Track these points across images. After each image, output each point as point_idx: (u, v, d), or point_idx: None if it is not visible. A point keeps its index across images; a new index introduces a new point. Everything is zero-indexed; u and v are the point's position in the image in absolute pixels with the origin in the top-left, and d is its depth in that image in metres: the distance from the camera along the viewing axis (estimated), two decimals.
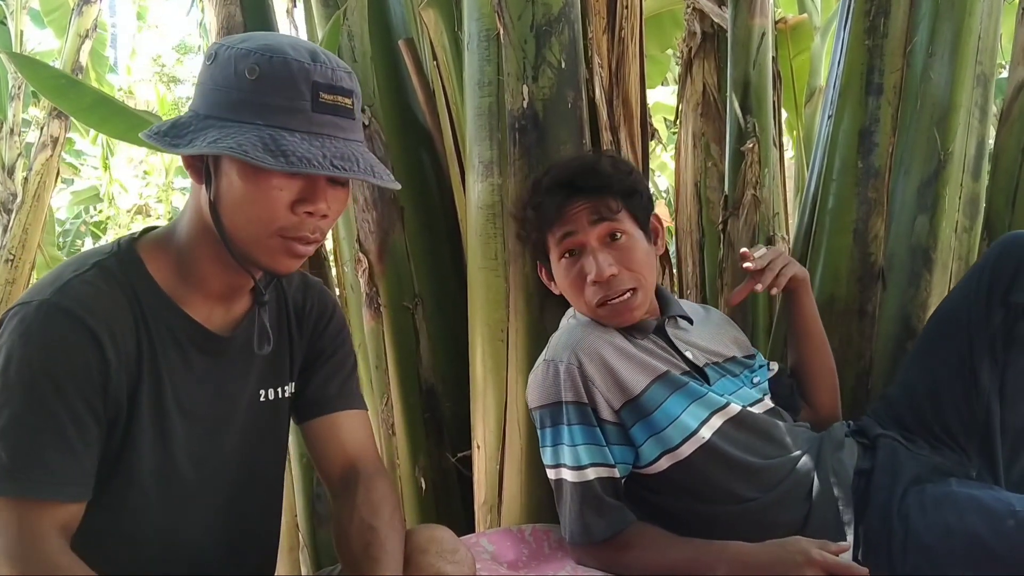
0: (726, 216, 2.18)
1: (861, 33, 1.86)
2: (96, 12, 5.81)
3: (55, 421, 1.01)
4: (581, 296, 1.48)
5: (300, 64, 1.03)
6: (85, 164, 11.65)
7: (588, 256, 1.46)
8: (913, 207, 1.80)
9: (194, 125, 1.04)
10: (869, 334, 1.80)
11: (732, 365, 1.58)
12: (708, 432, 1.42)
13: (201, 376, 1.14)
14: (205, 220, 1.09)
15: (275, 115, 1.01)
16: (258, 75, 1.02)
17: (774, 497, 1.43)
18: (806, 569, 1.26)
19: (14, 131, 6.09)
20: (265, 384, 1.21)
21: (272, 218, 1.05)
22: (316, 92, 1.03)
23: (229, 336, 1.16)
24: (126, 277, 1.09)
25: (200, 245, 1.11)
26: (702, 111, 2.54)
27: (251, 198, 1.04)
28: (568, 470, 1.42)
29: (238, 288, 1.16)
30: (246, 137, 0.99)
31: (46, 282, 1.06)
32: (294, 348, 1.25)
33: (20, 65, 3.31)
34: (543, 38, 1.66)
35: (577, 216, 1.47)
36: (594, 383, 1.42)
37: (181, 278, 1.12)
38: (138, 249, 1.12)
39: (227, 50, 1.05)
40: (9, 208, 5.87)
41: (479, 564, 1.38)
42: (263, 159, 0.98)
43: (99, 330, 1.04)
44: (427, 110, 2.11)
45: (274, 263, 1.08)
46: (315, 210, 1.06)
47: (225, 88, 1.03)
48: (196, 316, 1.13)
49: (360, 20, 2.12)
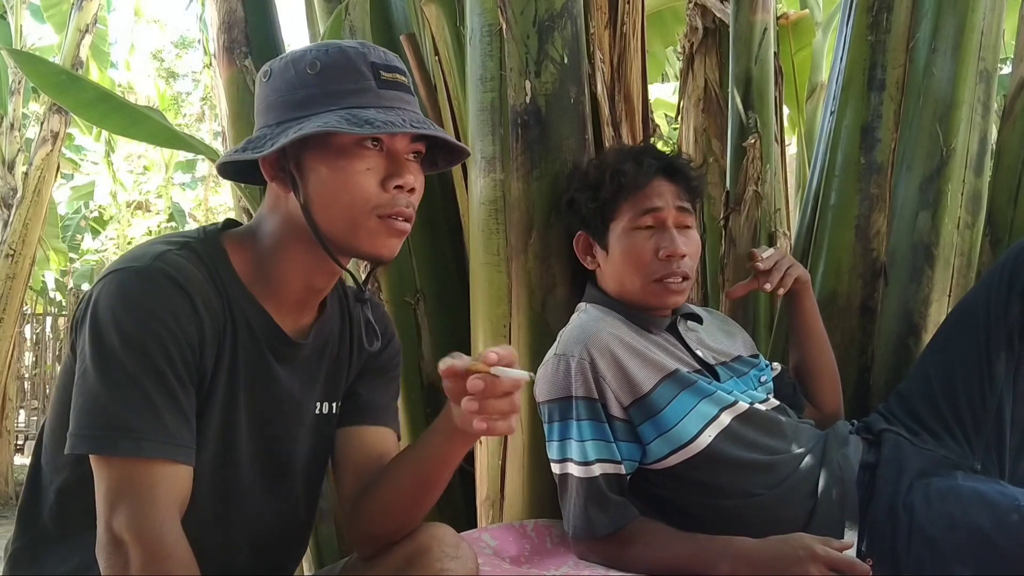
0: (728, 212, 2.18)
1: (864, 29, 1.86)
2: (96, 7, 5.80)
3: (167, 384, 1.00)
4: (641, 269, 1.49)
5: (355, 49, 1.08)
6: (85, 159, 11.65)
7: (667, 232, 1.50)
8: (915, 203, 1.80)
9: (269, 134, 1.07)
10: (871, 330, 1.80)
11: (740, 364, 1.58)
12: (717, 429, 1.42)
13: (272, 378, 1.13)
14: (292, 225, 1.10)
15: (346, 98, 1.06)
16: (320, 68, 1.07)
17: (780, 493, 1.43)
18: (809, 565, 1.26)
19: (14, 126, 6.09)
20: (323, 397, 1.21)
21: (366, 198, 1.07)
22: (376, 71, 1.08)
23: (302, 342, 1.16)
24: (212, 262, 1.09)
25: (283, 248, 1.11)
26: (704, 107, 2.54)
27: (343, 185, 1.07)
28: (575, 465, 1.42)
29: (312, 296, 1.16)
30: (325, 120, 1.03)
31: (137, 253, 1.06)
32: (351, 366, 1.24)
33: (20, 61, 3.30)
34: (546, 33, 1.66)
35: (667, 194, 1.52)
36: (605, 379, 1.42)
37: (260, 278, 1.12)
38: (223, 239, 1.12)
39: (279, 62, 1.10)
40: (9, 203, 5.87)
41: (481, 559, 1.38)
42: (350, 129, 1.02)
43: (197, 300, 1.03)
44: (429, 105, 2.11)
45: (377, 247, 1.10)
46: (404, 183, 1.08)
47: (289, 91, 1.07)
48: (273, 317, 1.13)
49: (362, 15, 2.12)
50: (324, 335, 1.20)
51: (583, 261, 1.59)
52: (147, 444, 0.98)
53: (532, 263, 1.65)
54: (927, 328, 1.78)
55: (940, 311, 1.80)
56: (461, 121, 1.95)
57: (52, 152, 5.79)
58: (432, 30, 2.01)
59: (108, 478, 0.98)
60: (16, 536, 1.13)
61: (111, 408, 0.98)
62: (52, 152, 5.79)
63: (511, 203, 1.67)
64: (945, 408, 1.54)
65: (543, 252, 1.65)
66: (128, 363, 0.99)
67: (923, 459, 1.48)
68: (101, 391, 0.99)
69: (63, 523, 1.10)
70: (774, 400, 1.57)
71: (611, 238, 1.53)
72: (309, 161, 1.07)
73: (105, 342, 0.99)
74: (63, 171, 8.19)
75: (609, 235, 1.53)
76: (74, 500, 1.08)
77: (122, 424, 0.98)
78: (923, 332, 1.78)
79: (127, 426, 0.98)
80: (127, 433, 0.98)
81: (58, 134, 5.81)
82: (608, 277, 1.55)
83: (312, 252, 1.11)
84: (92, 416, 0.99)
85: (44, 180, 5.80)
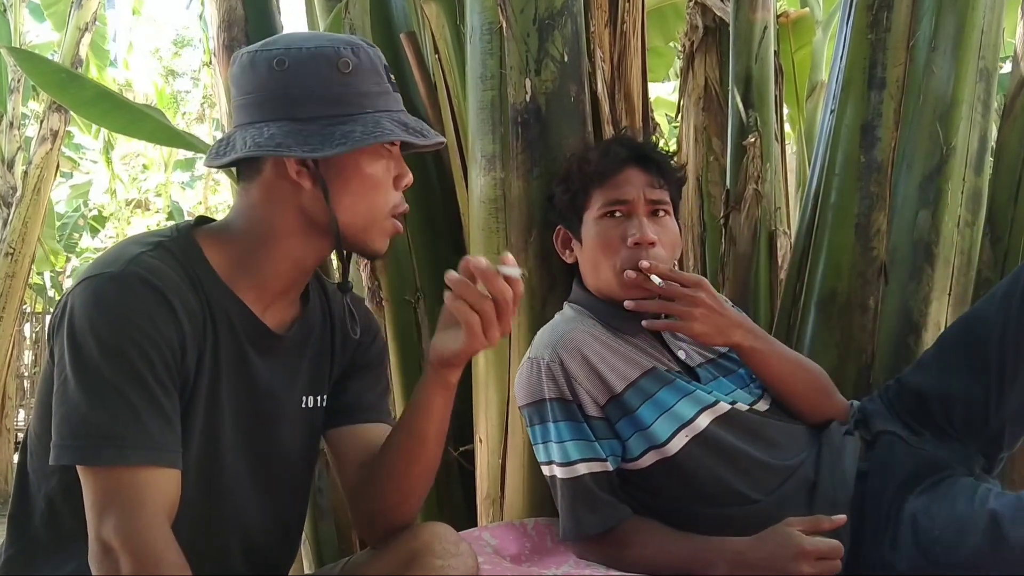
0: (728, 211, 2.18)
1: (864, 27, 1.86)
2: (96, 5, 5.79)
3: (148, 388, 0.99)
4: (611, 258, 1.47)
5: (374, 50, 1.13)
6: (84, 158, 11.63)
7: (635, 219, 1.47)
8: (915, 202, 1.80)
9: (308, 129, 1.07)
10: (871, 329, 1.80)
11: (727, 361, 1.55)
12: (695, 430, 1.41)
13: (254, 372, 1.13)
14: (299, 217, 1.11)
15: (375, 100, 1.11)
16: (352, 68, 1.09)
17: (771, 501, 1.41)
18: (801, 564, 1.26)
19: (14, 124, 6.08)
20: (308, 391, 1.21)
21: (388, 197, 1.14)
22: (388, 74, 1.14)
23: (283, 335, 1.16)
24: (187, 260, 1.09)
25: (279, 239, 1.11)
26: (704, 105, 2.54)
27: (373, 186, 1.12)
28: (558, 467, 1.42)
29: (295, 287, 1.17)
30: (381, 126, 1.09)
31: (110, 258, 1.05)
32: (335, 359, 1.24)
33: (20, 59, 3.30)
34: (546, 31, 1.66)
35: (634, 179, 1.49)
36: (577, 380, 1.41)
37: (240, 271, 1.12)
38: (196, 236, 1.12)
39: (299, 52, 1.09)
40: (9, 202, 5.87)
41: (481, 558, 1.38)
42: (412, 138, 1.11)
43: (174, 301, 1.03)
44: (429, 104, 2.11)
45: (381, 244, 1.16)
46: (408, 181, 1.16)
47: (321, 87, 1.09)
48: (253, 310, 1.13)
49: (362, 13, 2.12)
50: (307, 329, 1.20)
51: (562, 255, 1.58)
52: (130, 451, 0.98)
53: (532, 262, 1.65)
54: (927, 327, 1.78)
55: (940, 310, 1.80)
56: (461, 120, 1.95)
57: (52, 151, 5.78)
58: (432, 28, 2.01)
59: (94, 487, 0.98)
60: (9, 543, 1.13)
61: (92, 417, 0.98)
62: (52, 151, 5.78)
63: (511, 202, 1.67)
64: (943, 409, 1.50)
65: (543, 251, 1.65)
66: (107, 370, 0.99)
67: (915, 462, 1.44)
68: (81, 400, 0.99)
69: (55, 530, 1.09)
70: (766, 399, 1.53)
71: (584, 228, 1.52)
72: (343, 160, 1.09)
73: (83, 350, 0.99)
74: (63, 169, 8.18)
75: (583, 226, 1.52)
76: (65, 507, 1.08)
77: (104, 433, 0.98)
78: (923, 331, 1.78)
79: (109, 434, 0.98)
80: (110, 441, 0.98)
81: (58, 132, 5.80)
82: (585, 270, 1.54)
83: (309, 243, 1.13)
84: (74, 426, 0.99)
85: (44, 179, 5.79)
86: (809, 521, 1.32)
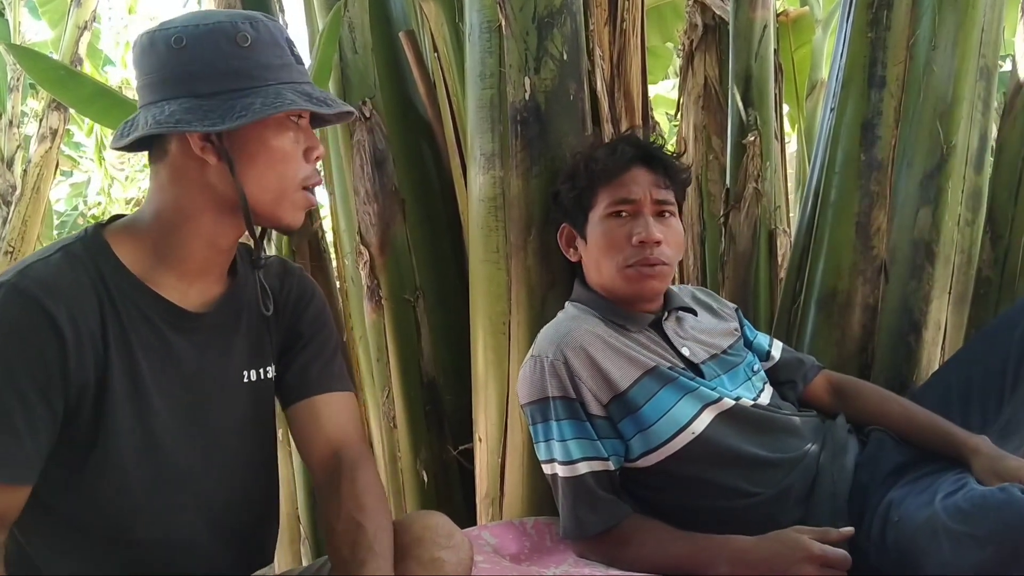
0: (727, 209, 2.18)
1: (864, 26, 1.85)
2: (95, 3, 5.78)
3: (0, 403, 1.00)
4: (616, 256, 1.48)
5: (275, 24, 1.12)
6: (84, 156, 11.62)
7: (641, 219, 1.48)
8: (916, 200, 1.80)
9: (209, 104, 1.06)
10: (871, 327, 1.80)
11: (731, 356, 1.55)
12: (699, 427, 1.41)
13: (179, 355, 1.13)
14: (207, 194, 1.10)
15: (277, 72, 1.09)
16: (251, 41, 1.08)
17: (771, 495, 1.41)
18: (806, 566, 1.26)
19: (13, 123, 6.07)
20: (248, 365, 1.21)
21: (298, 169, 1.13)
22: (291, 47, 1.13)
23: (202, 313, 1.16)
24: (91, 259, 1.09)
25: (190, 218, 1.11)
26: (703, 104, 2.54)
27: (281, 158, 1.11)
28: (560, 465, 1.42)
29: (215, 266, 1.17)
30: (282, 96, 1.07)
31: (12, 268, 1.07)
32: (272, 330, 1.24)
33: (19, 57, 3.30)
34: (545, 29, 1.65)
35: (641, 179, 1.50)
36: (580, 378, 1.41)
37: (155, 259, 1.12)
38: (105, 234, 1.12)
39: (196, 28, 1.08)
40: (8, 200, 5.86)
41: (481, 556, 1.38)
42: (317, 108, 1.09)
43: (56, 311, 1.03)
44: (428, 102, 2.11)
45: (294, 218, 1.15)
46: (320, 153, 1.15)
47: (219, 61, 1.07)
48: (168, 296, 1.13)
49: (361, 11, 2.12)
50: (234, 305, 1.19)
51: (567, 253, 1.59)
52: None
53: (532, 260, 1.65)
54: (927, 325, 1.78)
55: (940, 308, 1.80)
56: (460, 118, 1.95)
57: (51, 149, 5.77)
58: (431, 27, 2.01)
59: None
60: None
61: None
62: (51, 149, 5.77)
63: (510, 200, 1.67)
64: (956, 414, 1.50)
65: (543, 249, 1.65)
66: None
67: (902, 455, 1.45)
68: None
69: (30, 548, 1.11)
70: (768, 393, 1.54)
71: (589, 227, 1.52)
72: (247, 133, 1.08)
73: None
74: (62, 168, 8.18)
75: (588, 224, 1.52)
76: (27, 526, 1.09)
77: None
78: (923, 329, 1.78)
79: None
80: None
81: (57, 131, 5.79)
82: (589, 267, 1.54)
83: (221, 221, 1.12)
84: None
85: (43, 177, 5.78)
86: (819, 531, 1.31)
